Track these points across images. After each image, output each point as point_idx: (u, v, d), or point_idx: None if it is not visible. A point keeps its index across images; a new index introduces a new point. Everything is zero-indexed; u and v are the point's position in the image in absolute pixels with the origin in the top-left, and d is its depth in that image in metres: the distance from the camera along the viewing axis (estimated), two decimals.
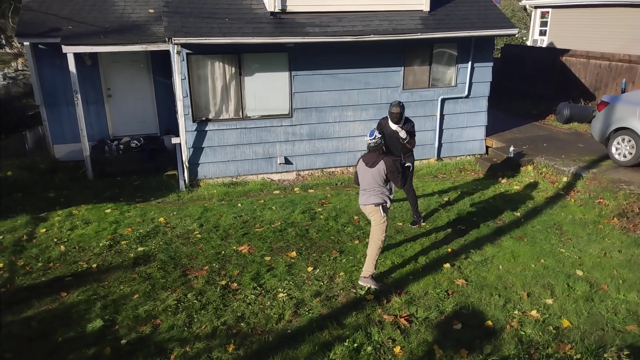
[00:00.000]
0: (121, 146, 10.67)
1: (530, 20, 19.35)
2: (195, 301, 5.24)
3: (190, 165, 9.26)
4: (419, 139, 10.30)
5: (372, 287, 5.45)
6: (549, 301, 5.20)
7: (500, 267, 5.96)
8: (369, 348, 4.44)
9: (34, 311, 5.09)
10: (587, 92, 13.89)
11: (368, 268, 5.50)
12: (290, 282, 5.62)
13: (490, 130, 11.14)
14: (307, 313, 5.01)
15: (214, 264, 6.08)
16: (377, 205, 5.46)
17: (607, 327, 4.78)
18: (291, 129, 9.65)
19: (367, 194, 5.56)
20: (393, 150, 6.70)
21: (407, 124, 6.84)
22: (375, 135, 5.45)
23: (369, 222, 7.25)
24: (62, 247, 6.54)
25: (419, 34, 9.30)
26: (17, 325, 4.86)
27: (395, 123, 6.73)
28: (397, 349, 4.44)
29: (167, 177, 9.67)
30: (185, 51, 8.58)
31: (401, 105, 6.69)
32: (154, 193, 8.93)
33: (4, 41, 21.46)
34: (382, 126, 6.84)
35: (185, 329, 4.78)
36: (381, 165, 5.41)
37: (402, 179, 5.57)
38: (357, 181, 5.75)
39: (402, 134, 6.70)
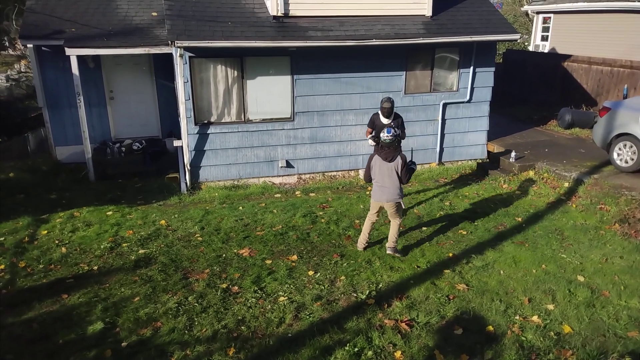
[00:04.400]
0: (123, 148, 10.69)
1: (532, 25, 19.38)
2: (196, 304, 5.24)
3: (192, 168, 9.28)
4: (421, 143, 10.43)
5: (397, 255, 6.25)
6: (550, 307, 5.19)
7: (502, 272, 5.95)
8: (370, 352, 4.44)
9: (35, 313, 5.10)
10: (588, 98, 13.90)
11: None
12: (291, 286, 5.61)
13: (491, 135, 11.15)
14: (307, 317, 5.01)
15: (215, 267, 6.08)
16: (399, 200, 6.04)
17: (608, 333, 4.77)
18: (293, 132, 9.66)
19: (389, 190, 6.05)
20: None
21: (397, 119, 7.50)
22: (393, 132, 5.88)
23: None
24: (64, 249, 6.55)
25: (421, 38, 9.31)
26: (18, 327, 4.86)
27: (386, 117, 7.41)
28: (398, 354, 4.43)
29: (168, 179, 9.68)
30: (187, 54, 8.60)
31: (391, 101, 7.34)
32: (155, 195, 8.94)
33: (7, 43, 21.53)
34: (373, 121, 7.52)
35: (186, 332, 4.78)
36: (398, 160, 5.95)
37: (408, 174, 6.09)
38: (369, 178, 6.16)
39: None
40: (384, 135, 5.93)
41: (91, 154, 9.86)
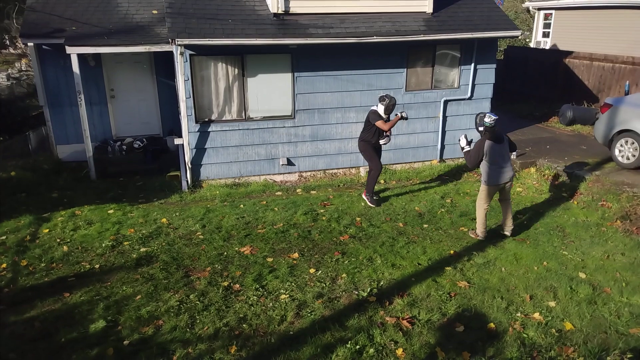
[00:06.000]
0: (124, 147, 10.69)
1: (534, 22, 19.32)
2: (197, 302, 5.25)
3: (193, 166, 9.28)
4: (422, 141, 10.43)
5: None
6: (552, 304, 5.19)
7: (503, 269, 5.95)
8: (371, 350, 4.44)
9: (37, 311, 5.11)
10: (590, 94, 13.86)
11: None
12: (293, 284, 5.62)
13: None
14: (309, 315, 5.01)
15: (217, 265, 6.09)
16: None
17: (610, 330, 4.77)
18: (294, 130, 9.66)
19: (509, 168, 6.55)
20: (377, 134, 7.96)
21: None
22: (494, 117, 6.40)
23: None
24: (65, 248, 6.56)
25: (422, 35, 9.29)
26: (20, 326, 4.87)
27: (388, 114, 7.90)
28: (400, 351, 4.44)
29: (169, 177, 9.68)
30: (188, 52, 8.59)
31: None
32: (156, 194, 8.95)
33: (8, 42, 21.53)
34: (376, 119, 7.80)
35: (188, 330, 4.79)
36: (506, 138, 6.59)
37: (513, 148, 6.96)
38: (478, 164, 6.57)
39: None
40: (490, 119, 6.36)
41: (92, 153, 9.86)
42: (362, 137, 8.14)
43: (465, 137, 6.87)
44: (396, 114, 7.88)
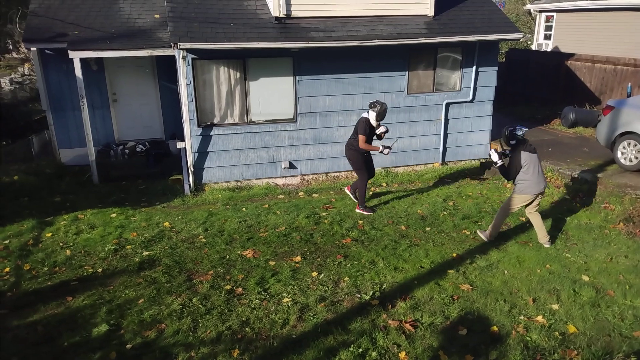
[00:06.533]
0: (127, 151, 10.72)
1: (535, 24, 19.33)
2: (200, 306, 5.24)
3: (195, 169, 9.29)
4: (424, 143, 10.44)
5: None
6: (555, 307, 5.17)
7: (506, 272, 5.94)
8: (374, 353, 4.43)
9: (40, 315, 5.11)
10: (592, 97, 13.85)
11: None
12: (295, 287, 5.61)
13: (495, 135, 11.09)
14: (311, 318, 5.00)
15: (219, 269, 6.09)
16: None
17: (613, 333, 4.75)
18: (295, 133, 9.67)
19: (543, 178, 6.55)
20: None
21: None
22: (523, 129, 6.50)
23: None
24: (68, 252, 6.57)
25: (424, 38, 9.31)
26: (23, 330, 4.88)
27: (379, 121, 7.66)
28: (402, 355, 4.43)
29: (172, 181, 9.70)
30: (190, 56, 8.62)
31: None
32: (159, 197, 8.96)
33: (11, 46, 21.64)
34: (367, 128, 7.58)
35: (190, 333, 4.78)
36: (535, 149, 6.54)
37: None
38: (515, 175, 6.52)
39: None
40: (522, 132, 6.46)
41: (95, 157, 9.88)
42: (352, 146, 7.74)
43: (496, 151, 6.79)
44: (381, 146, 7.65)
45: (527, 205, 6.69)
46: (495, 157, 6.74)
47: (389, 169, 10.32)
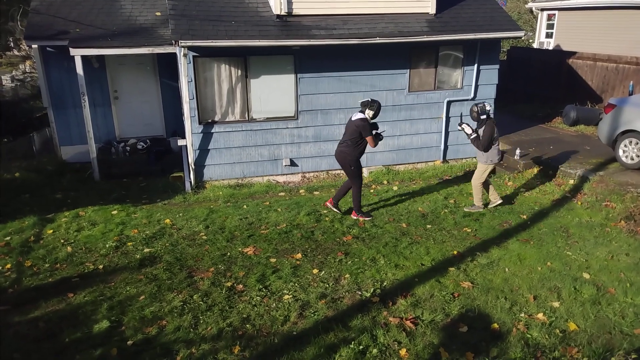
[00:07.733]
0: (128, 148, 10.73)
1: (537, 22, 19.30)
2: (201, 302, 5.25)
3: (196, 167, 9.30)
4: (425, 141, 10.44)
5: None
6: (556, 304, 5.17)
7: (507, 269, 5.94)
8: (375, 350, 4.44)
9: (41, 312, 5.12)
10: (594, 95, 13.83)
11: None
12: (296, 284, 5.62)
13: None
14: (312, 315, 5.01)
15: (220, 266, 6.10)
16: None
17: (614, 330, 4.75)
18: (297, 131, 9.67)
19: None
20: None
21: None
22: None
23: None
24: (69, 248, 6.58)
25: (425, 36, 9.29)
26: (24, 326, 4.89)
27: (374, 118, 7.47)
28: (403, 352, 4.43)
29: (173, 178, 9.71)
30: (191, 54, 8.62)
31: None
32: (160, 195, 8.97)
33: (12, 44, 21.64)
34: (368, 126, 7.35)
35: (191, 330, 4.79)
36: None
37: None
38: (490, 146, 7.66)
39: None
40: (490, 107, 7.55)
41: (96, 154, 9.89)
42: (348, 151, 7.33)
43: (469, 124, 7.60)
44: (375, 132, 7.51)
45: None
46: (469, 130, 7.60)
47: (390, 166, 10.31)
